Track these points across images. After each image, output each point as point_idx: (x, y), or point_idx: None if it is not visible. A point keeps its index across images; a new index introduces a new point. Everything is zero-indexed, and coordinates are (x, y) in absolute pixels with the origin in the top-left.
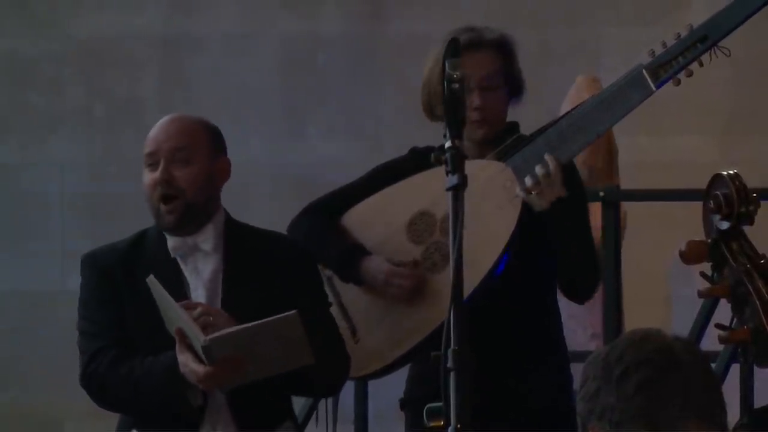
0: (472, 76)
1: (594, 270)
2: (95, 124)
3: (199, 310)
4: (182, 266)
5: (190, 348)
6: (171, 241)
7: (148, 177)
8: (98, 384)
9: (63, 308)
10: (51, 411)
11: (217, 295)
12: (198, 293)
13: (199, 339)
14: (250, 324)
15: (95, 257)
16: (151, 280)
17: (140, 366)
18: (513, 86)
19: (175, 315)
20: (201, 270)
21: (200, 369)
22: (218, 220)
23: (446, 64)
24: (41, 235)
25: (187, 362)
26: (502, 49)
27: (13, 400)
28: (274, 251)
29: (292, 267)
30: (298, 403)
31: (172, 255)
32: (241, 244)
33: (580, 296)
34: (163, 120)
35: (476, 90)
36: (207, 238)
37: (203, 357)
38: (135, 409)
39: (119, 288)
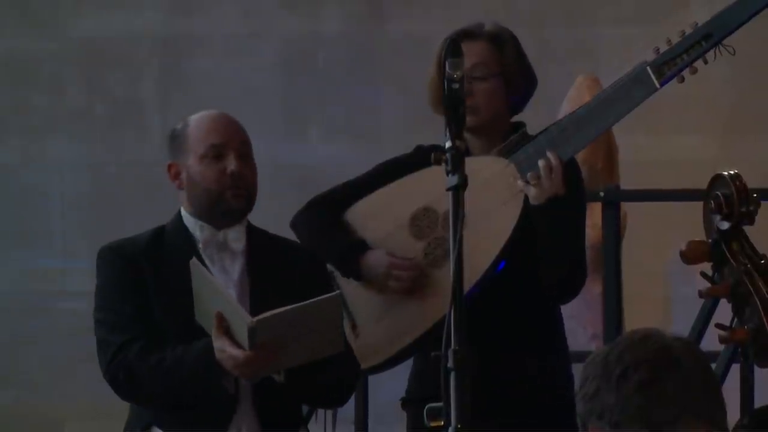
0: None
1: (573, 275)
2: (95, 124)
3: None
4: (209, 264)
5: (228, 333)
6: (203, 234)
7: (214, 167)
8: (126, 375)
9: (63, 308)
10: (51, 411)
11: (245, 296)
12: (229, 292)
13: (245, 321)
14: (295, 305)
15: (116, 249)
16: (194, 262)
17: (171, 354)
18: (509, 79)
19: (218, 298)
20: (230, 270)
21: (240, 354)
22: (245, 221)
23: (446, 64)
24: (41, 235)
25: (224, 347)
26: (497, 41)
27: (14, 400)
28: (292, 261)
29: (310, 279)
30: None
31: (201, 250)
32: (262, 250)
33: (557, 297)
34: (215, 115)
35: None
36: (238, 237)
37: (244, 341)
38: (166, 399)
39: (145, 278)
